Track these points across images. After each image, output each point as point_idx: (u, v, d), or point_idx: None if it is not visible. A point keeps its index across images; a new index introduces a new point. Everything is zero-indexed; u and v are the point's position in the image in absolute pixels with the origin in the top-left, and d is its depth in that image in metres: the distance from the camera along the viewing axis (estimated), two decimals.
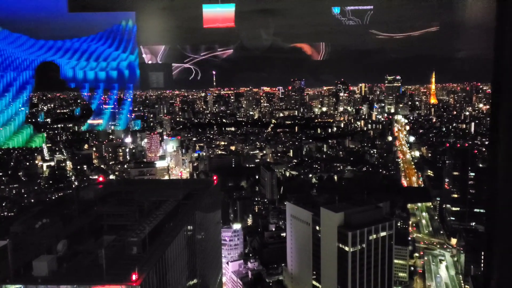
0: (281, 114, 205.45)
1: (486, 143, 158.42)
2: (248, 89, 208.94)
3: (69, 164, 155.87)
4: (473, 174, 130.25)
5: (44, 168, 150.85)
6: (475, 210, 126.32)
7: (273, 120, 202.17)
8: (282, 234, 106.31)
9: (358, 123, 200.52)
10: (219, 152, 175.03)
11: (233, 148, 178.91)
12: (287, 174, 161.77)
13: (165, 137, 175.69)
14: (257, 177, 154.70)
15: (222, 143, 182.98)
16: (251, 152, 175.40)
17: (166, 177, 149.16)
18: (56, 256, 38.89)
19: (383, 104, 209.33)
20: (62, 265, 38.48)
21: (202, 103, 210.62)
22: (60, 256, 39.51)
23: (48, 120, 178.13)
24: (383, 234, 75.25)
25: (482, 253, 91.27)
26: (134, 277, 35.23)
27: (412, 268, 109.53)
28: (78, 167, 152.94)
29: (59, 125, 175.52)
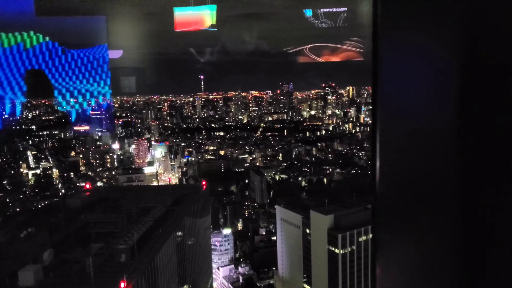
0: (270, 118, 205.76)
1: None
2: (236, 93, 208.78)
3: (55, 171, 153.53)
4: None
5: (30, 176, 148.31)
6: None
7: (262, 124, 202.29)
8: (272, 238, 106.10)
9: (346, 126, 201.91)
10: (208, 157, 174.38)
11: (222, 152, 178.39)
12: (277, 177, 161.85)
13: (153, 142, 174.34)
14: (246, 181, 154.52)
15: (211, 148, 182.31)
16: (241, 157, 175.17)
17: (155, 183, 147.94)
18: (42, 266, 38.21)
19: (370, 107, 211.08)
20: (49, 274, 37.83)
21: (190, 108, 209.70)
22: (46, 265, 38.84)
23: (34, 127, 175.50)
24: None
25: None
26: (122, 285, 34.78)
27: None
28: (65, 174, 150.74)
29: (44, 132, 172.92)
